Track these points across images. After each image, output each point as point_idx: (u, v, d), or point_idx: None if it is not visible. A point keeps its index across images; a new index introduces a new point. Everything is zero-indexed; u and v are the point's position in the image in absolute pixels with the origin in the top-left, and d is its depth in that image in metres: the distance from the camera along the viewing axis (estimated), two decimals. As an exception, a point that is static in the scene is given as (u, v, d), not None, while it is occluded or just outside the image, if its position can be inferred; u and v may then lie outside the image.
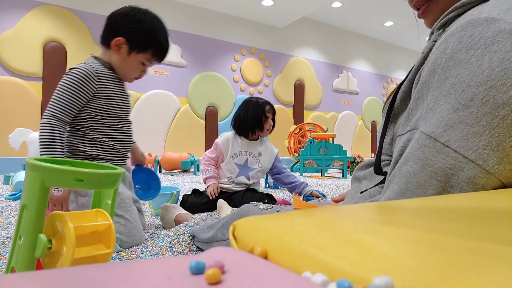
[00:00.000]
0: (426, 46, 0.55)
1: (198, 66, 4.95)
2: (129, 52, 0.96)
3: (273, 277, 0.15)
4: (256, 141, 1.68)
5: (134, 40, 0.95)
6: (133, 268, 0.17)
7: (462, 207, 0.30)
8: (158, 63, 1.04)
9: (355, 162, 3.78)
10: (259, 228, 0.23)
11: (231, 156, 1.63)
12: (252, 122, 1.63)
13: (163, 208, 1.23)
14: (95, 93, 0.95)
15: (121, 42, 0.95)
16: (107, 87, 0.98)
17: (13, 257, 0.48)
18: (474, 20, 0.43)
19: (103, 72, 0.98)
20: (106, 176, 0.50)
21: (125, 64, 0.98)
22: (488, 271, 0.14)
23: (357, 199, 0.62)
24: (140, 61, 0.98)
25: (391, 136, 0.60)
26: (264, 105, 1.66)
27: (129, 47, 0.95)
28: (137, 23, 0.94)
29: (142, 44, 0.95)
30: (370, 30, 6.51)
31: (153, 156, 3.75)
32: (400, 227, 0.22)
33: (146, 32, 0.94)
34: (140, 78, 1.05)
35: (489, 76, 0.39)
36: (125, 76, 1.03)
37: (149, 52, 0.97)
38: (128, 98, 1.09)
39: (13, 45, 3.68)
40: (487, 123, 0.39)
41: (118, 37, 0.94)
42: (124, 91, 1.06)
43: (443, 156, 0.42)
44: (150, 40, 0.95)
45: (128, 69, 1.00)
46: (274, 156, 1.71)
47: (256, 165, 1.64)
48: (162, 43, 0.98)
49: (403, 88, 0.58)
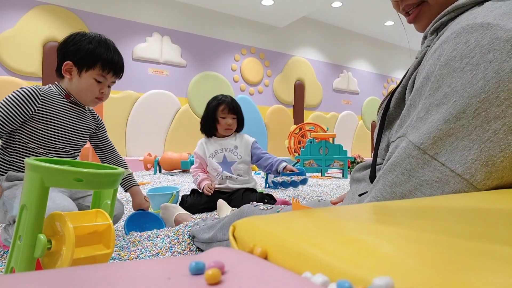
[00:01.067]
0: (420, 51, 0.54)
1: (198, 66, 4.95)
2: (79, 73, 0.97)
3: (273, 277, 0.15)
4: (229, 137, 1.69)
5: (80, 59, 0.97)
6: (133, 268, 0.17)
7: (462, 207, 0.30)
8: (115, 78, 1.03)
9: (355, 162, 3.78)
10: (259, 228, 0.23)
11: (210, 156, 1.66)
12: (209, 123, 1.66)
13: (163, 208, 1.23)
14: (33, 114, 0.94)
15: (70, 65, 0.97)
16: (50, 112, 0.96)
17: (12, 257, 0.48)
18: (469, 26, 0.42)
19: (53, 97, 0.98)
20: (105, 176, 0.50)
21: (80, 85, 0.99)
22: (488, 271, 0.14)
23: (355, 201, 0.62)
24: (93, 79, 0.98)
25: (386, 142, 0.59)
26: (218, 106, 1.64)
27: (78, 67, 0.97)
28: (78, 43, 0.97)
29: (88, 60, 0.97)
30: (370, 30, 6.51)
31: (152, 156, 3.75)
32: (400, 227, 0.22)
33: (88, 49, 0.97)
34: (103, 99, 1.04)
35: (483, 87, 0.38)
36: (85, 99, 1.02)
37: (98, 67, 0.98)
38: (86, 131, 1.06)
39: (12, 45, 3.68)
40: (478, 136, 0.39)
41: (66, 61, 0.97)
42: (79, 123, 1.04)
43: (430, 169, 0.41)
44: (94, 55, 0.97)
45: (83, 90, 0.99)
46: (250, 145, 1.70)
47: (235, 157, 1.66)
48: (107, 56, 0.99)
49: (397, 94, 0.57)
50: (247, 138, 1.72)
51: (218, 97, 1.68)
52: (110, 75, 1.01)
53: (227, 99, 1.66)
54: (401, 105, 0.57)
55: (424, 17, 0.59)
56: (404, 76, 0.57)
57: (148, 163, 3.70)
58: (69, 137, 1.02)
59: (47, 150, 0.97)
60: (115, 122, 4.27)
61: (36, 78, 3.83)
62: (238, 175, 1.64)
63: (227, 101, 1.65)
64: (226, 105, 1.64)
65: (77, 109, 1.04)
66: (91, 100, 1.02)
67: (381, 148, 0.60)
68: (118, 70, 1.02)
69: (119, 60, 1.02)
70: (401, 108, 0.57)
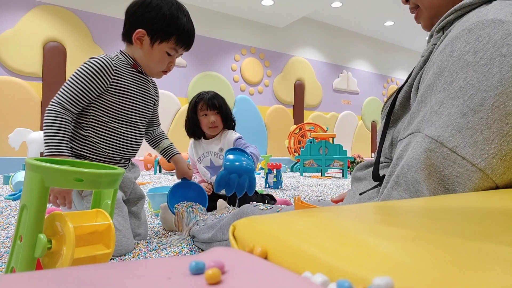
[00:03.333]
0: (426, 50, 0.54)
1: (198, 66, 4.95)
2: (151, 44, 0.90)
3: (273, 277, 0.15)
4: (214, 138, 1.55)
5: (155, 29, 0.89)
6: (133, 268, 0.17)
7: (462, 207, 0.30)
8: (184, 51, 0.96)
9: (355, 162, 3.78)
10: (259, 228, 0.23)
11: (197, 160, 1.57)
12: (191, 125, 1.54)
13: (163, 208, 1.23)
14: (108, 87, 0.89)
15: (142, 34, 0.90)
16: (123, 85, 0.92)
17: (13, 257, 0.48)
18: (480, 22, 0.42)
19: (123, 68, 0.93)
20: (105, 176, 0.50)
21: (150, 57, 0.92)
22: (488, 271, 0.14)
23: (356, 200, 0.62)
24: (164, 51, 0.92)
25: (390, 140, 0.59)
26: (196, 104, 1.51)
27: (151, 37, 0.90)
28: (155, 10, 0.88)
29: (164, 32, 0.89)
30: (370, 30, 6.51)
31: (153, 156, 3.75)
32: (400, 227, 0.22)
33: (166, 18, 0.88)
34: (169, 71, 0.98)
35: (499, 81, 0.38)
36: (152, 71, 0.96)
37: (173, 40, 0.90)
38: (151, 103, 1.01)
39: (13, 45, 3.68)
40: (497, 130, 0.38)
41: (138, 29, 0.89)
42: (146, 94, 0.99)
43: (449, 162, 0.40)
44: (171, 26, 0.89)
45: (153, 62, 0.93)
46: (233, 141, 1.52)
47: (221, 161, 1.52)
48: (185, 27, 0.91)
49: (403, 92, 0.57)
50: (229, 136, 1.54)
51: (195, 96, 1.55)
52: (183, 48, 0.94)
53: (206, 95, 1.53)
54: (406, 104, 0.57)
55: (421, 19, 0.62)
56: (410, 75, 0.57)
57: (148, 163, 3.70)
58: (140, 109, 0.97)
59: (121, 124, 0.93)
60: (115, 122, 4.26)
61: (36, 78, 3.83)
62: None
63: (205, 97, 1.51)
64: (204, 102, 1.50)
65: (144, 80, 0.98)
66: (158, 73, 0.97)
67: (384, 147, 0.60)
68: (191, 43, 0.96)
69: (193, 32, 0.95)
70: (406, 107, 0.57)
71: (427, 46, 0.56)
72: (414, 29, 6.19)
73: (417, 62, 0.56)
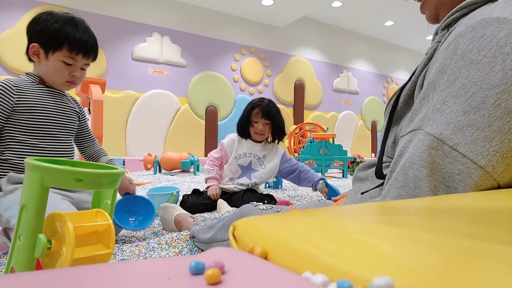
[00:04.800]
0: (430, 47, 0.54)
1: (198, 66, 4.95)
2: (46, 55, 0.92)
3: (273, 277, 0.15)
4: (261, 143, 1.65)
5: (45, 41, 0.91)
6: (133, 268, 0.17)
7: (462, 207, 0.30)
8: (87, 60, 0.95)
9: (355, 162, 3.78)
10: (259, 228, 0.23)
11: (235, 157, 1.61)
12: (243, 124, 1.61)
13: (163, 208, 1.23)
14: (14, 107, 0.90)
15: (36, 48, 0.92)
16: (30, 101, 0.92)
17: (12, 257, 0.48)
18: (484, 20, 0.42)
19: (27, 86, 0.94)
20: (105, 176, 0.50)
21: (48, 68, 0.93)
22: (488, 271, 0.14)
23: (357, 200, 0.62)
24: (60, 61, 0.91)
25: (393, 138, 0.59)
26: (252, 109, 1.59)
27: (44, 49, 0.91)
28: (43, 23, 0.92)
29: (54, 42, 0.90)
30: (370, 29, 6.51)
31: (152, 156, 3.75)
32: (400, 227, 0.22)
33: (54, 29, 0.90)
34: (76, 83, 0.97)
35: (502, 79, 0.38)
36: (55, 83, 0.96)
37: (65, 48, 0.91)
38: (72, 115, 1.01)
39: (12, 45, 3.68)
40: (499, 128, 0.38)
41: (32, 44, 0.92)
42: (62, 107, 0.99)
43: (450, 160, 0.40)
44: (60, 35, 0.90)
45: (52, 73, 0.93)
46: (280, 156, 1.64)
47: (259, 167, 1.61)
48: (75, 35, 0.91)
49: (406, 90, 0.57)
50: (277, 148, 1.65)
51: (254, 100, 1.63)
52: (80, 56, 0.93)
53: (263, 102, 1.60)
54: (410, 101, 0.57)
55: (427, 9, 0.61)
56: (414, 72, 0.57)
57: (148, 163, 3.70)
58: (57, 121, 0.97)
59: (39, 139, 0.93)
60: (115, 122, 4.27)
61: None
62: (255, 183, 1.59)
63: (262, 105, 1.58)
64: (260, 109, 1.58)
65: (57, 94, 0.99)
66: (62, 84, 0.96)
67: (387, 145, 0.60)
68: (89, 50, 0.94)
69: (89, 39, 0.94)
70: (409, 104, 0.57)
71: (431, 44, 0.56)
72: (414, 29, 6.19)
73: (417, 62, 0.56)
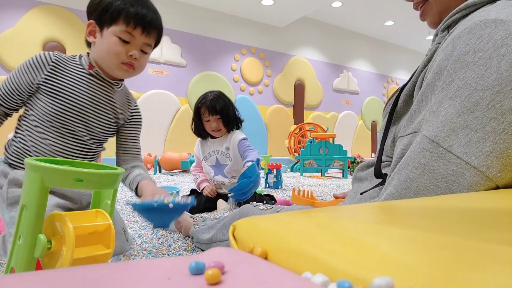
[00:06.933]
0: (430, 49, 0.55)
1: (198, 66, 4.94)
2: (101, 32, 0.79)
3: (273, 277, 0.15)
4: (222, 137, 1.59)
5: (100, 14, 0.79)
6: (133, 268, 0.17)
7: (462, 207, 0.30)
8: (148, 38, 0.81)
9: (356, 162, 3.78)
10: (259, 228, 0.23)
11: (203, 159, 1.61)
12: (198, 126, 1.59)
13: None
14: (39, 83, 0.77)
15: (92, 26, 0.81)
16: (57, 83, 0.78)
17: (12, 257, 0.48)
18: (482, 22, 0.43)
19: (68, 66, 0.81)
20: (106, 176, 0.50)
21: (102, 47, 0.79)
22: (488, 271, 0.14)
23: (357, 200, 0.62)
24: (116, 37, 0.78)
25: (392, 137, 0.60)
26: (199, 110, 1.55)
27: (100, 25, 0.80)
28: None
29: (110, 14, 0.78)
30: (370, 29, 6.50)
31: (152, 156, 3.75)
32: (400, 227, 0.22)
33: (109, 1, 0.79)
34: (135, 68, 0.81)
35: (496, 80, 0.39)
36: (109, 66, 0.81)
37: (121, 21, 0.77)
38: (110, 114, 0.86)
39: (12, 45, 3.68)
40: (493, 128, 0.39)
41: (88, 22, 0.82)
42: (102, 101, 0.84)
43: (444, 162, 0.41)
44: (115, 7, 0.78)
45: (106, 52, 0.79)
46: (237, 144, 1.55)
47: (227, 160, 1.57)
48: (132, 6, 0.78)
49: (406, 90, 0.58)
50: (235, 136, 1.57)
51: (199, 99, 1.57)
52: (139, 32, 0.78)
53: (206, 99, 1.53)
54: (409, 102, 0.57)
55: (429, 15, 0.61)
56: (414, 73, 0.57)
57: (148, 163, 3.70)
58: (86, 117, 0.81)
59: (57, 135, 0.79)
60: (115, 122, 4.26)
61: (36, 78, 3.83)
62: (233, 177, 1.58)
63: (206, 102, 1.52)
64: (206, 107, 1.52)
65: (98, 84, 0.83)
66: (117, 66, 0.80)
67: (386, 144, 0.60)
68: (148, 25, 0.79)
69: (149, 13, 0.79)
70: (409, 104, 0.57)
71: (431, 45, 0.57)
72: (414, 29, 6.18)
73: (417, 62, 0.56)
